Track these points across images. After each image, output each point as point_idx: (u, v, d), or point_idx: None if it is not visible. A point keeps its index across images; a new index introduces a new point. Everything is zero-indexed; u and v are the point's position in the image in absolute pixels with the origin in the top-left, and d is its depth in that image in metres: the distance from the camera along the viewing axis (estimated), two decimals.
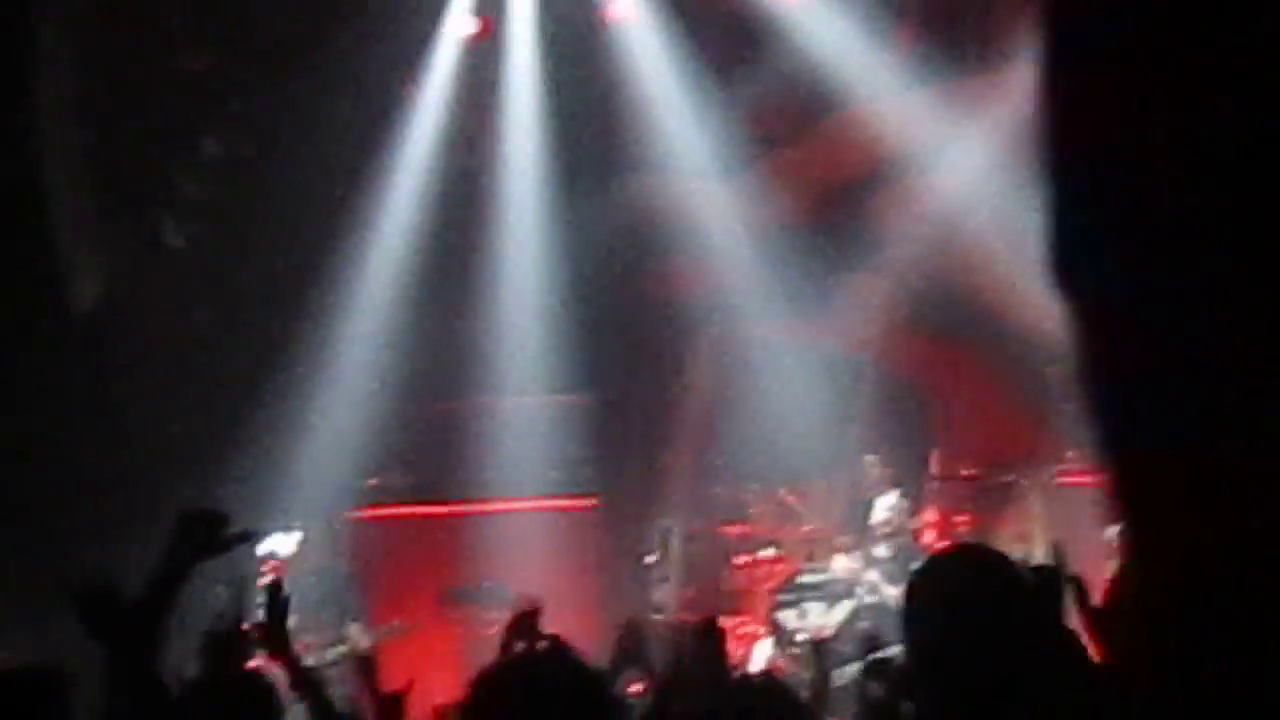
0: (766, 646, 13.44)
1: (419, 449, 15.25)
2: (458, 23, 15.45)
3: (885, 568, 13.02)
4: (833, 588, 13.33)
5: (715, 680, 6.87)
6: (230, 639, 6.74)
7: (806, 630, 13.03)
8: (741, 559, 14.39)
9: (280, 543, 12.67)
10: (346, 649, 11.91)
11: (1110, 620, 4.82)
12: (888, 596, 12.55)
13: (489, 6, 15.46)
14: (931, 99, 14.59)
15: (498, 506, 14.73)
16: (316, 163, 14.59)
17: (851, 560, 13.31)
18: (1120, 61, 1.19)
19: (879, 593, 12.89)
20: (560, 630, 6.93)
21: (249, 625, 6.80)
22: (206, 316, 14.67)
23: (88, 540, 11.15)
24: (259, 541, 11.00)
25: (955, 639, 3.70)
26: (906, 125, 14.62)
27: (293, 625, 6.36)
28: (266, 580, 11.14)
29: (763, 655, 13.32)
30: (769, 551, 14.30)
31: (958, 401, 15.01)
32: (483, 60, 15.56)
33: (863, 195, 15.17)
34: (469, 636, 13.16)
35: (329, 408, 14.57)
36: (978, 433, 14.81)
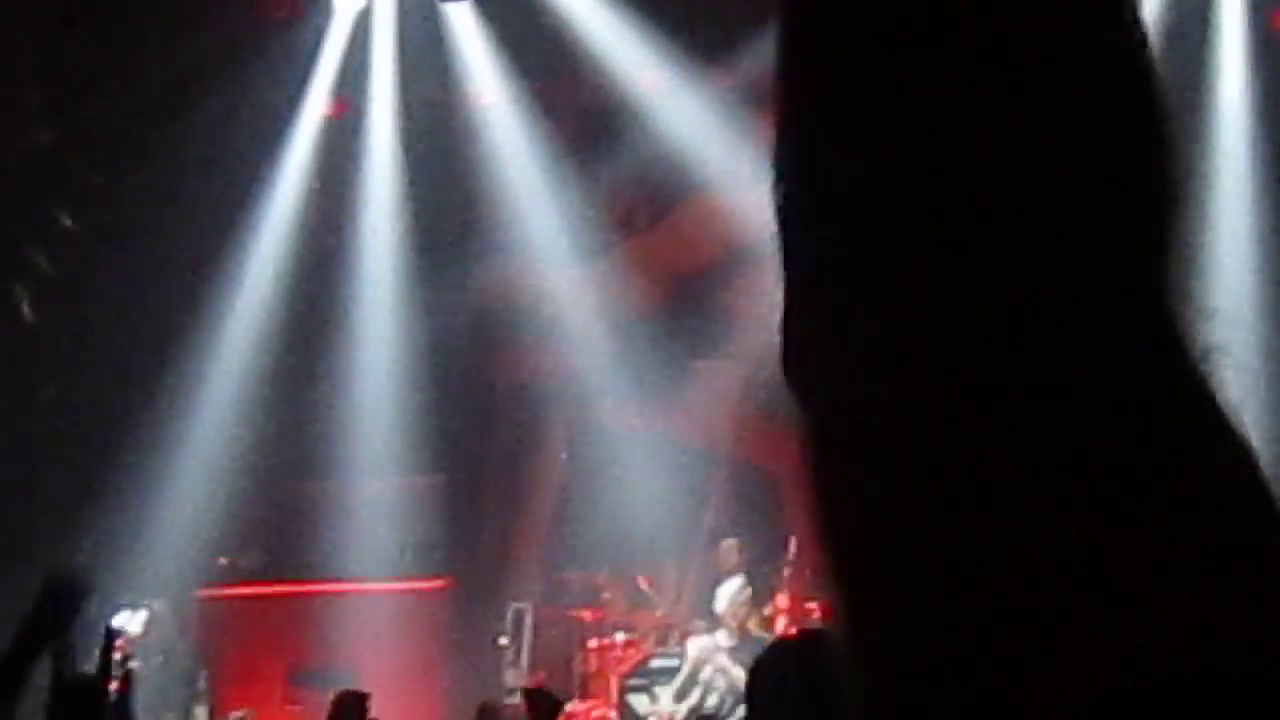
0: None
1: (270, 529, 15.14)
2: (318, 102, 15.46)
3: (732, 653, 13.06)
4: (683, 672, 13.36)
5: None
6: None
7: (657, 714, 13.07)
8: (593, 643, 14.39)
9: (127, 620, 12.51)
10: None
11: None
12: (736, 679, 12.60)
13: (349, 87, 15.49)
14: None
15: (349, 587, 14.64)
16: (172, 239, 14.53)
17: (703, 643, 13.35)
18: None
19: (729, 675, 12.94)
20: (411, 713, 6.93)
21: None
22: (57, 391, 14.52)
23: None
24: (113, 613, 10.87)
25: None
26: (761, 214, 14.73)
27: (140, 705, 6.32)
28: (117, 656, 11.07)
29: None
30: (621, 636, 14.31)
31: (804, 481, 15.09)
32: (342, 140, 15.58)
33: (716, 282, 15.30)
34: None
35: (180, 485, 14.46)
36: None
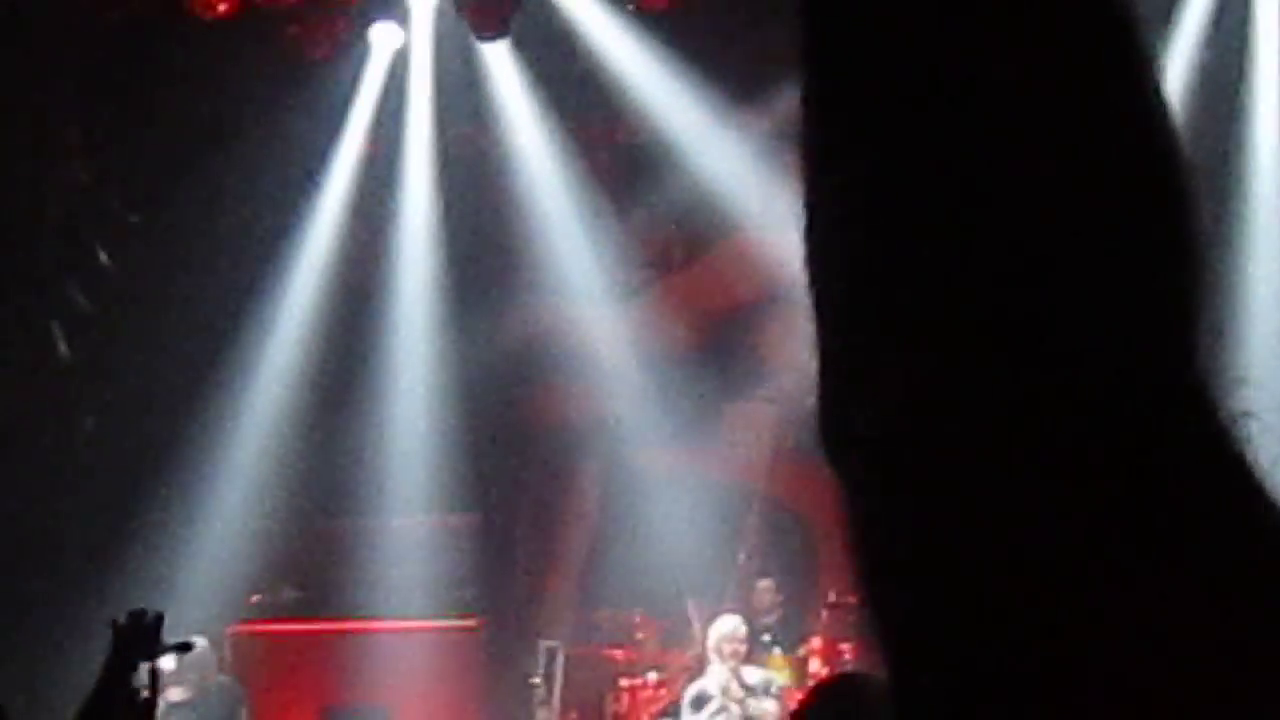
0: None
1: (304, 566, 15.16)
2: (354, 141, 15.52)
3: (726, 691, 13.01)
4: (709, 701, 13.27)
5: None
6: None
7: None
8: (625, 682, 14.37)
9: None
10: None
11: None
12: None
13: (386, 126, 15.54)
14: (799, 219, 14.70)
15: (382, 625, 14.65)
16: (208, 277, 14.60)
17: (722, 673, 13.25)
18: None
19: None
20: None
21: None
22: (93, 426, 14.58)
23: None
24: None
25: None
26: (795, 255, 14.74)
27: None
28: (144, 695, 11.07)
29: None
30: (653, 675, 14.29)
31: (843, 530, 15.06)
32: (378, 179, 15.63)
33: (751, 323, 15.30)
34: None
35: (215, 522, 14.49)
36: None
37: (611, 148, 15.68)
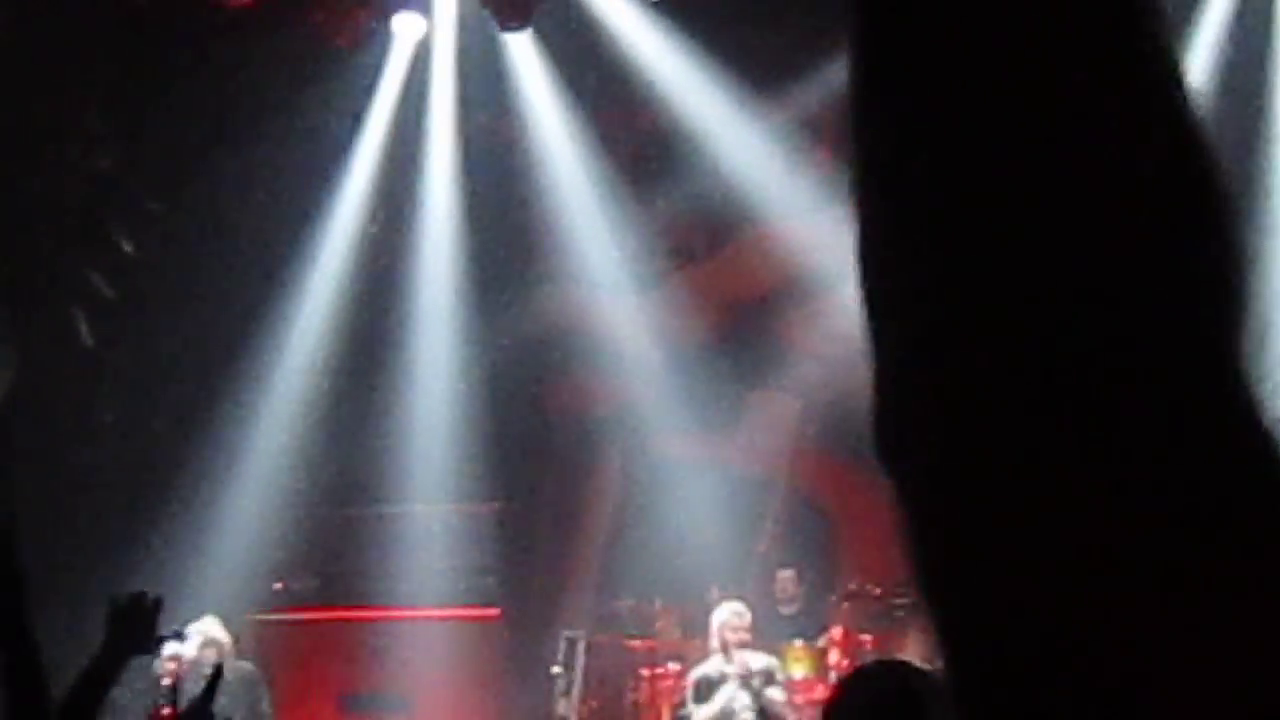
0: None
1: (325, 554, 15.18)
2: (377, 130, 15.53)
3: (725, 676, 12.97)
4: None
5: None
6: None
7: None
8: (646, 672, 14.37)
9: (180, 644, 12.50)
10: None
11: None
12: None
13: (409, 115, 15.55)
14: (843, 219, 14.71)
15: (402, 614, 14.67)
16: (230, 264, 14.62)
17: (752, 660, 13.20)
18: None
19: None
20: None
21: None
22: (116, 414, 14.62)
23: None
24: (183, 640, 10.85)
25: None
26: (817, 244, 14.76)
27: None
28: (167, 681, 11.10)
29: None
30: (674, 665, 14.29)
31: (864, 520, 15.07)
32: (401, 168, 15.64)
33: (772, 313, 15.30)
34: None
35: (236, 510, 14.52)
36: (884, 552, 14.85)
37: (633, 137, 15.68)
